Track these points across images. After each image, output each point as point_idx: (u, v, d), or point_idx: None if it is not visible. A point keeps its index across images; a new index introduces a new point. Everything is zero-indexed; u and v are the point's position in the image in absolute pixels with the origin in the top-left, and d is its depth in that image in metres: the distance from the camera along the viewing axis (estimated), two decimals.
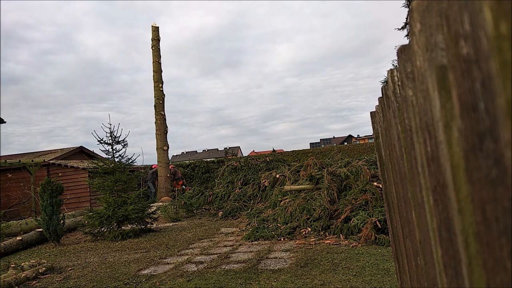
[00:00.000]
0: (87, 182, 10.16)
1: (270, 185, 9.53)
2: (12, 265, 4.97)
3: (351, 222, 5.70)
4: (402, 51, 0.81)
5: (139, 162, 14.01)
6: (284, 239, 5.98)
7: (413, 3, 0.62)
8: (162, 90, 14.21)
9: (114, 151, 8.48)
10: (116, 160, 8.44)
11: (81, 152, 17.41)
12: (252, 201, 9.59)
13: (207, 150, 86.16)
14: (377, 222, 5.24)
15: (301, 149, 18.36)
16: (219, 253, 5.37)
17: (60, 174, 13.31)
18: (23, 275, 4.58)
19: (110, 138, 8.44)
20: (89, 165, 13.03)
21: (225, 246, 5.91)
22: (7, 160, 12.58)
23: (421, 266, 0.98)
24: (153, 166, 14.71)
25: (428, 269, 0.88)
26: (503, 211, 0.41)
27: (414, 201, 0.97)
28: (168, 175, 13.77)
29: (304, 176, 7.76)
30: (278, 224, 6.66)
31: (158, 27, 14.46)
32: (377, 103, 1.63)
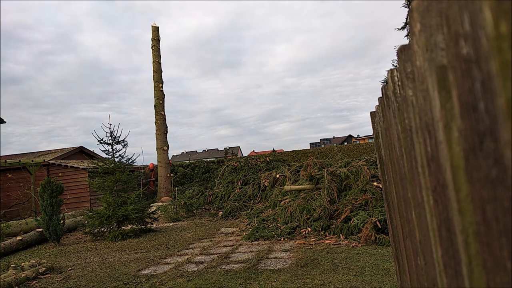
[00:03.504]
0: (87, 182, 10.16)
1: (270, 185, 9.53)
2: (12, 265, 4.97)
3: (351, 222, 5.70)
4: (402, 51, 0.81)
5: (139, 162, 14.00)
6: (284, 239, 5.98)
7: (413, 3, 0.62)
8: (162, 90, 14.22)
9: (114, 151, 8.49)
10: (116, 160, 8.44)
11: (81, 152, 17.40)
12: (252, 201, 9.59)
13: (207, 150, 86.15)
14: (377, 222, 5.24)
15: (301, 149, 18.36)
16: (219, 253, 5.37)
17: (60, 174, 13.31)
18: (23, 275, 4.58)
19: (110, 138, 8.45)
20: (89, 165, 13.03)
21: (225, 246, 5.91)
22: (7, 160, 12.58)
23: (421, 266, 0.98)
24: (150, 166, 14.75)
25: (428, 269, 0.88)
26: (503, 211, 0.41)
27: (414, 201, 0.97)
28: (168, 175, 13.78)
29: (304, 176, 7.76)
30: (278, 224, 6.66)
31: (158, 27, 14.46)
32: (377, 103, 1.64)
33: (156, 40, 14.35)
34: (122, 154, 8.54)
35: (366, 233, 5.20)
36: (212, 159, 18.11)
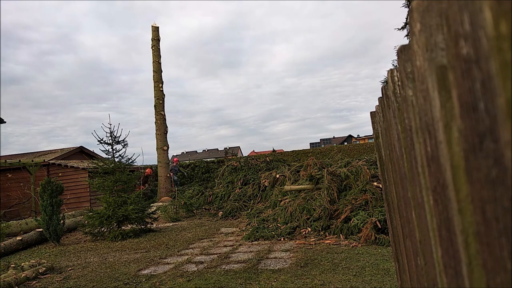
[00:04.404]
0: (87, 182, 10.16)
1: (270, 185, 9.53)
2: (12, 265, 4.97)
3: (351, 222, 5.70)
4: (402, 51, 0.81)
5: (139, 162, 13.99)
6: (284, 239, 5.98)
7: (413, 3, 0.62)
8: (162, 90, 14.22)
9: (114, 151, 8.49)
10: (116, 160, 8.44)
11: (81, 152, 17.39)
12: (252, 201, 9.59)
13: (207, 150, 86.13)
14: (377, 222, 5.24)
15: (301, 149, 18.38)
16: (219, 253, 5.37)
17: (60, 174, 13.30)
18: (23, 275, 4.58)
19: (110, 138, 8.45)
20: (89, 165, 13.03)
21: (225, 246, 5.91)
22: (7, 160, 12.58)
23: (421, 266, 0.98)
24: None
25: (428, 269, 0.88)
26: (503, 211, 0.41)
27: (414, 201, 0.97)
28: (168, 175, 13.77)
29: (304, 176, 7.76)
30: (278, 224, 6.66)
31: (158, 27, 14.46)
32: (377, 103, 1.64)
33: (156, 40, 14.35)
34: (122, 154, 8.55)
35: (366, 233, 5.20)
36: (212, 159, 18.11)
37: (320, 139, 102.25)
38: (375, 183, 6.28)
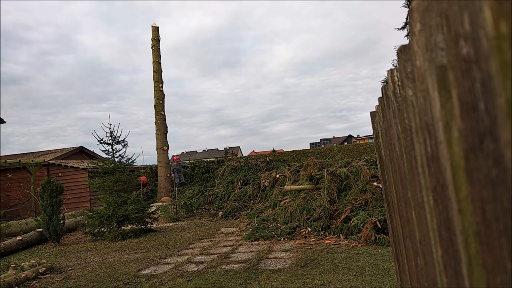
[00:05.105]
0: (87, 182, 10.16)
1: (270, 185, 9.53)
2: (12, 265, 4.97)
3: (351, 222, 5.70)
4: (402, 51, 0.81)
5: (139, 162, 13.96)
6: (284, 239, 5.98)
7: (413, 3, 0.62)
8: (162, 90, 14.21)
9: (114, 151, 8.49)
10: (116, 160, 8.44)
11: (81, 152, 17.39)
12: (252, 201, 9.59)
13: (207, 150, 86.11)
14: (377, 222, 5.24)
15: (301, 149, 18.39)
16: (219, 253, 5.37)
17: (60, 174, 13.30)
18: (23, 275, 4.58)
19: (110, 138, 8.45)
20: (89, 165, 13.02)
21: (225, 246, 5.91)
22: (7, 160, 12.58)
23: (421, 266, 0.98)
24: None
25: (428, 269, 0.88)
26: (503, 211, 0.41)
27: (414, 201, 0.97)
28: (168, 175, 13.77)
29: (304, 176, 7.76)
30: (278, 224, 6.66)
31: (158, 27, 14.45)
32: (377, 103, 1.64)
33: (156, 40, 14.34)
34: (122, 154, 8.55)
35: (366, 233, 5.20)
36: (212, 159, 18.10)
37: (320, 139, 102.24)
38: (375, 183, 6.27)
